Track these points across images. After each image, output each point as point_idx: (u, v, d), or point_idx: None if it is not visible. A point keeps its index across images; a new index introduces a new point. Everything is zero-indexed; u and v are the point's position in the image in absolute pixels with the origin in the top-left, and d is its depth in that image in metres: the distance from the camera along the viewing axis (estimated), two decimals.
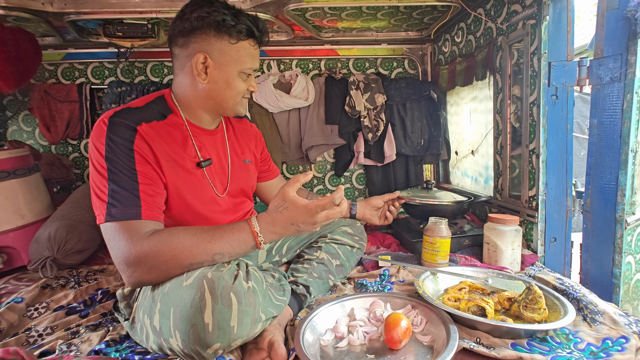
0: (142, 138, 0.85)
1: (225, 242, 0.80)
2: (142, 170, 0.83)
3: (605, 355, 0.78)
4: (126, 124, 0.84)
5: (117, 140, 0.82)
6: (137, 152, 0.83)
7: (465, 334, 0.87)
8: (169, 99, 0.97)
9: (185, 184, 0.92)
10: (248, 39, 0.94)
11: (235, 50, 0.92)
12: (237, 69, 0.94)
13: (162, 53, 2.09)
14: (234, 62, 0.93)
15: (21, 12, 1.49)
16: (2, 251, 1.39)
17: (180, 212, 0.93)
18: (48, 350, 0.84)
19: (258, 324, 0.75)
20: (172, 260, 0.76)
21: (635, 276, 1.16)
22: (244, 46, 0.94)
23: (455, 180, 2.17)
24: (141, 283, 0.79)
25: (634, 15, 0.99)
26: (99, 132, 0.83)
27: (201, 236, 0.79)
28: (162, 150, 0.88)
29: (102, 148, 0.81)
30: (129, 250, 0.76)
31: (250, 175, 1.14)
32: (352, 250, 1.24)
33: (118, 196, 0.79)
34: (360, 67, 2.23)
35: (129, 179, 0.81)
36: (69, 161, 2.11)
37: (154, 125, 0.89)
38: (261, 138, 1.26)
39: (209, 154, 1.00)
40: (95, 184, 0.81)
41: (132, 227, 0.78)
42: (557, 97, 1.24)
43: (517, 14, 1.36)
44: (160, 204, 0.86)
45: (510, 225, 1.24)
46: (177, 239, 0.78)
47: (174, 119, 0.95)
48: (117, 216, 0.78)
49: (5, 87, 1.52)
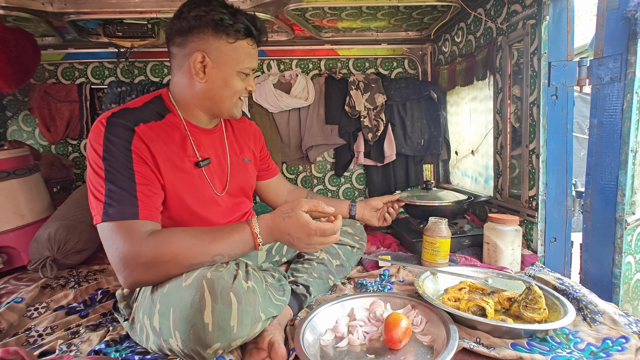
0: (140, 139, 0.85)
1: (226, 243, 0.80)
2: (139, 170, 0.83)
3: (605, 355, 0.78)
4: (124, 124, 0.84)
5: (114, 140, 0.82)
6: (135, 153, 0.83)
7: (465, 334, 0.87)
8: (166, 99, 0.97)
9: (184, 185, 0.92)
10: (246, 39, 0.93)
11: (234, 50, 0.92)
12: (235, 68, 0.93)
13: (162, 53, 2.09)
14: (232, 61, 0.92)
15: (21, 12, 1.49)
16: (2, 251, 1.39)
17: (179, 212, 0.93)
18: (48, 350, 0.84)
19: (258, 323, 0.75)
20: (172, 261, 0.76)
21: (635, 276, 1.16)
22: (242, 45, 0.93)
23: (455, 180, 2.17)
24: (138, 284, 0.79)
25: (634, 15, 0.99)
26: (97, 133, 0.83)
27: (201, 237, 0.79)
28: (160, 151, 0.88)
29: (99, 148, 0.81)
30: (127, 250, 0.76)
31: (249, 173, 1.13)
32: (352, 251, 1.24)
33: (115, 196, 0.79)
34: (360, 67, 2.23)
35: (126, 179, 0.81)
36: (69, 161, 2.11)
37: (152, 126, 0.89)
38: (261, 136, 1.26)
39: (208, 153, 1.00)
40: (92, 184, 0.81)
41: (130, 227, 0.78)
42: (557, 97, 1.24)
43: (517, 14, 1.36)
44: (158, 204, 0.86)
45: (510, 225, 1.24)
46: (177, 240, 0.78)
47: (171, 118, 0.95)
48: (114, 216, 0.77)
49: (6, 87, 1.53)
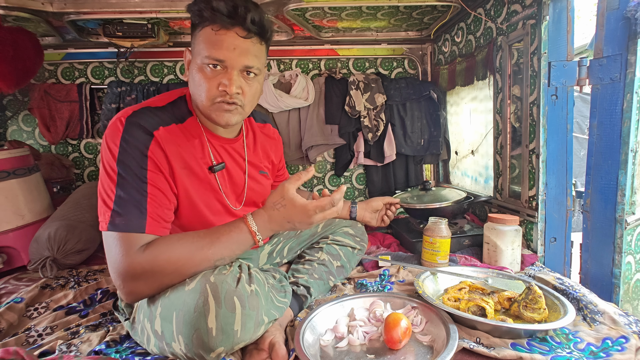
0: (157, 144, 0.81)
1: (225, 246, 0.78)
2: (153, 179, 0.80)
3: (605, 355, 0.78)
4: (143, 127, 0.80)
5: (132, 142, 0.78)
6: (151, 159, 0.80)
7: (465, 334, 0.87)
8: (189, 101, 0.92)
9: (198, 193, 0.90)
10: (211, 24, 0.81)
11: (199, 39, 0.82)
12: (199, 60, 0.82)
13: (162, 53, 2.09)
14: (198, 52, 0.83)
15: (21, 12, 1.49)
16: (2, 251, 1.39)
17: (190, 220, 0.91)
18: (48, 350, 0.84)
19: (261, 326, 0.75)
20: (175, 273, 0.75)
21: (635, 276, 1.16)
22: (205, 32, 0.81)
23: (455, 180, 2.17)
24: (138, 296, 0.77)
25: (634, 15, 0.99)
26: (115, 132, 0.79)
27: (199, 243, 0.77)
28: (178, 157, 0.85)
29: (115, 150, 0.77)
30: (125, 263, 0.74)
31: (264, 187, 1.10)
32: (353, 252, 1.24)
33: (125, 204, 0.76)
34: (360, 67, 2.23)
35: (138, 188, 0.77)
36: (69, 161, 2.11)
37: (172, 130, 0.85)
38: (281, 145, 1.21)
39: (225, 162, 0.96)
40: (103, 187, 0.78)
41: (133, 241, 0.75)
42: (557, 97, 1.24)
43: (517, 13, 1.36)
44: (168, 216, 0.83)
45: (510, 225, 1.24)
46: (176, 251, 0.75)
47: (192, 123, 0.90)
48: (120, 226, 0.75)
49: (5, 87, 1.52)
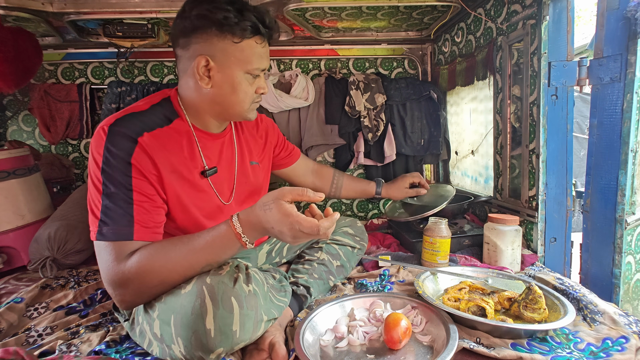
0: (142, 150, 0.80)
1: (210, 252, 0.76)
2: (138, 186, 0.79)
3: (605, 355, 0.78)
4: (126, 134, 0.80)
5: (115, 152, 0.78)
6: (135, 167, 0.79)
7: (465, 334, 0.87)
8: (175, 102, 0.92)
9: (189, 196, 0.89)
10: (254, 37, 0.86)
11: (240, 50, 0.85)
12: (242, 70, 0.87)
13: (162, 53, 2.09)
14: (239, 62, 0.86)
15: (21, 12, 1.49)
16: (2, 251, 1.39)
17: (184, 223, 0.91)
18: (48, 350, 0.84)
19: (260, 326, 0.75)
20: (160, 285, 0.75)
21: (635, 276, 1.16)
22: (250, 45, 0.86)
23: (455, 180, 2.17)
24: (132, 305, 0.78)
25: (634, 15, 0.99)
26: (98, 141, 0.79)
27: (183, 250, 0.75)
28: (165, 162, 0.84)
29: (99, 159, 0.78)
30: (112, 272, 0.75)
31: (256, 176, 1.09)
32: (352, 251, 1.24)
33: (111, 213, 0.76)
34: (360, 67, 2.23)
35: (123, 196, 0.77)
36: (69, 161, 2.10)
37: (157, 134, 0.84)
38: (274, 126, 1.20)
39: (216, 160, 0.97)
40: (91, 197, 0.79)
41: (121, 248, 0.76)
42: (557, 97, 1.24)
43: (517, 14, 1.36)
44: (157, 220, 0.83)
45: (510, 225, 1.24)
46: (160, 261, 0.74)
47: (179, 124, 0.90)
48: (108, 236, 0.75)
49: (5, 87, 1.52)
